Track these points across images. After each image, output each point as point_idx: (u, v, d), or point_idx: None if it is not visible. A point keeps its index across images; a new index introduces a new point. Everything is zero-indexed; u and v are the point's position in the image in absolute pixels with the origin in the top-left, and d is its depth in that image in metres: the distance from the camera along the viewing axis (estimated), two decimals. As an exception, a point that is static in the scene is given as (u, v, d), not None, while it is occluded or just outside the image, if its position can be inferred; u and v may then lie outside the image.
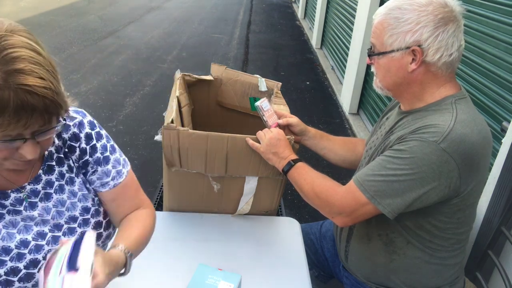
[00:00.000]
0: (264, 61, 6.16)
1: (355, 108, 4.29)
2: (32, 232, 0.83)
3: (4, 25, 0.67)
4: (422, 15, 0.96)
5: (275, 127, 1.28)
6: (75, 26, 7.63)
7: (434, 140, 0.92)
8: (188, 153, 1.26)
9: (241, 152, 1.27)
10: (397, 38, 0.99)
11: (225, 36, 7.58)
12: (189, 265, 1.18)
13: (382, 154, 1.03)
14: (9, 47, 0.64)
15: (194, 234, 1.35)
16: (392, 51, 1.01)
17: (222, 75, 1.69)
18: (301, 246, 1.34)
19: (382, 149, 1.09)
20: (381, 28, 1.02)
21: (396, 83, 1.06)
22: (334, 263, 1.43)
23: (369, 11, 3.78)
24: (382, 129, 1.21)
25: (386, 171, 0.98)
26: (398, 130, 1.07)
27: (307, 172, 1.17)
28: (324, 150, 1.40)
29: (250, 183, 1.34)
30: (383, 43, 1.02)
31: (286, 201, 2.84)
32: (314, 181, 1.14)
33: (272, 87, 1.65)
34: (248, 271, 1.18)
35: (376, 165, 1.01)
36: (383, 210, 0.99)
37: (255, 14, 10.14)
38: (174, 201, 1.44)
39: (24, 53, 0.66)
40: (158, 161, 1.86)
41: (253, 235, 1.36)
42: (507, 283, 1.24)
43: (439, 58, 0.97)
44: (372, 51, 1.07)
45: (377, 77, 1.09)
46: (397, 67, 1.02)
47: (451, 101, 1.00)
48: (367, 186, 1.00)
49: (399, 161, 0.96)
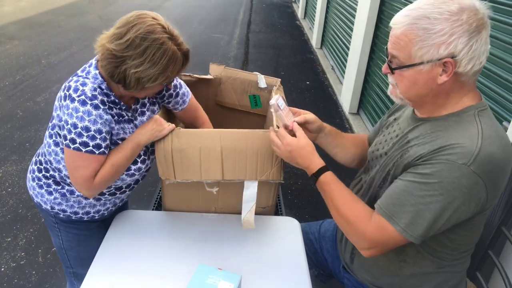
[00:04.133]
0: (264, 61, 6.16)
1: (355, 108, 4.29)
2: None
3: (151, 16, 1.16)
4: (456, 25, 0.87)
5: (292, 126, 1.18)
6: (75, 25, 7.63)
7: (463, 162, 0.87)
8: (182, 156, 1.24)
9: (235, 148, 1.24)
10: (429, 50, 0.90)
11: (225, 36, 7.58)
12: (189, 265, 1.18)
13: (405, 178, 0.96)
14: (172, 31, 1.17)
15: (194, 234, 1.35)
16: (421, 63, 0.92)
17: (221, 74, 1.69)
18: (301, 246, 1.34)
19: (399, 162, 1.02)
20: (406, 40, 0.92)
21: (421, 95, 0.98)
22: (334, 264, 1.42)
23: (369, 11, 3.78)
24: (391, 130, 1.16)
25: (414, 199, 0.92)
26: (416, 142, 1.00)
27: (333, 190, 1.08)
28: (337, 148, 1.34)
29: (250, 189, 1.31)
30: (410, 56, 0.93)
31: (286, 201, 2.84)
32: (343, 205, 1.05)
33: (271, 83, 1.65)
34: (248, 271, 1.18)
35: (402, 192, 0.95)
36: (415, 240, 0.95)
37: (255, 14, 10.14)
38: (173, 209, 1.44)
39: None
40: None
41: (253, 235, 1.36)
42: (507, 283, 1.24)
43: (471, 67, 0.90)
44: (395, 63, 0.97)
45: (399, 88, 1.00)
46: (425, 80, 0.94)
47: (474, 113, 0.94)
48: (397, 219, 0.94)
49: (427, 187, 0.91)
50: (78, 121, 1.11)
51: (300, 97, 4.85)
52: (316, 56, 6.60)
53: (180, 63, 1.17)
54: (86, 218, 1.37)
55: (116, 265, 1.21)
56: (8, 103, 4.22)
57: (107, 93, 1.18)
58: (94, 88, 1.13)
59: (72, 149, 1.14)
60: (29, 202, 2.71)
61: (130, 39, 1.08)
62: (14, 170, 3.06)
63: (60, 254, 1.47)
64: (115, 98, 1.21)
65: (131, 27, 1.09)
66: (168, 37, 1.12)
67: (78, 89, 1.11)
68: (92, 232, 1.42)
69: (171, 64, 1.14)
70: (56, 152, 1.24)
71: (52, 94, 4.45)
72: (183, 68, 1.20)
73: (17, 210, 2.63)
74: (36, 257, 2.26)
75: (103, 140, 1.16)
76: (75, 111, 1.10)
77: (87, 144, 1.13)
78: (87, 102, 1.11)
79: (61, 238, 1.41)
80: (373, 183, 1.14)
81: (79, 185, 1.19)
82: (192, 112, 1.53)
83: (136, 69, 1.10)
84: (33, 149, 3.35)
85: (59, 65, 5.44)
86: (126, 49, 1.09)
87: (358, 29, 4.13)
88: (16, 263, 2.21)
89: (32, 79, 4.89)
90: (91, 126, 1.12)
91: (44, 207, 1.34)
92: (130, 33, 1.09)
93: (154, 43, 1.09)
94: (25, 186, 2.86)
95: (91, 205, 1.35)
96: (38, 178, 1.32)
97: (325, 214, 1.22)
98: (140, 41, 1.08)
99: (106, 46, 1.11)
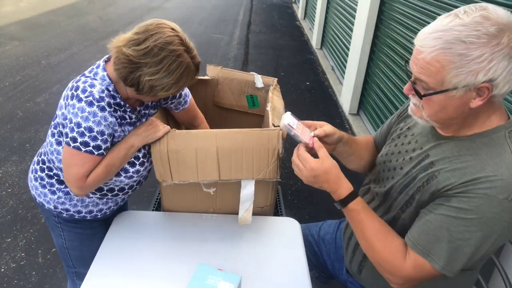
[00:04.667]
0: (264, 62, 6.16)
1: (355, 108, 4.29)
2: None
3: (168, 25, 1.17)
4: (496, 50, 0.79)
5: (312, 144, 1.06)
6: (75, 26, 7.64)
7: (504, 197, 0.82)
8: (178, 157, 1.25)
9: (231, 148, 1.24)
10: (465, 77, 0.82)
11: (225, 36, 7.58)
12: (189, 265, 1.18)
13: (439, 212, 0.90)
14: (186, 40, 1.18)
15: (194, 234, 1.35)
16: (455, 88, 0.84)
17: (218, 75, 1.69)
18: (301, 246, 1.34)
19: (426, 188, 0.95)
20: (438, 66, 0.83)
21: (449, 118, 0.91)
22: (334, 266, 1.42)
23: (369, 11, 3.78)
24: (404, 141, 1.09)
25: (452, 235, 0.88)
26: (443, 166, 0.93)
27: (364, 220, 1.00)
28: (352, 156, 1.25)
29: (247, 188, 1.31)
30: (442, 82, 0.85)
31: (286, 201, 2.84)
32: (375, 239, 0.99)
33: (268, 83, 1.66)
34: (248, 271, 1.18)
35: (438, 228, 0.89)
36: (452, 274, 0.91)
37: (255, 14, 10.14)
38: (172, 210, 1.44)
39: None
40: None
41: (253, 235, 1.36)
42: (507, 283, 1.24)
43: (507, 89, 0.84)
44: (423, 87, 0.89)
45: (425, 112, 0.93)
46: (456, 105, 0.87)
47: (504, 134, 0.89)
48: (435, 256, 0.90)
49: (465, 223, 0.86)
50: (82, 120, 1.11)
51: (300, 97, 4.85)
52: (316, 56, 6.60)
53: (193, 75, 1.20)
54: (89, 217, 1.38)
55: (116, 265, 1.21)
56: (8, 103, 4.22)
57: (113, 95, 1.19)
58: (102, 90, 1.15)
59: (72, 147, 1.14)
60: (29, 202, 2.71)
61: (149, 47, 1.10)
62: (14, 171, 3.06)
63: (62, 253, 1.47)
64: (120, 100, 1.22)
65: (151, 35, 1.11)
66: (185, 49, 1.15)
67: (86, 90, 1.12)
68: (95, 231, 1.43)
69: (185, 76, 1.17)
70: (58, 151, 1.25)
71: (52, 95, 4.46)
72: (194, 79, 1.24)
73: (17, 211, 2.63)
74: (36, 257, 2.26)
75: (104, 142, 1.16)
76: (81, 111, 1.11)
77: (88, 144, 1.14)
78: (94, 104, 1.12)
79: (64, 237, 1.42)
80: (392, 203, 1.08)
81: (71, 182, 1.19)
82: (192, 112, 1.55)
83: (150, 77, 1.12)
84: (33, 149, 3.35)
85: (59, 65, 5.44)
86: (143, 56, 1.10)
87: (358, 29, 4.13)
88: (16, 263, 2.21)
89: (32, 80, 4.89)
90: (94, 127, 1.13)
91: (47, 206, 1.34)
92: (149, 41, 1.10)
93: (172, 54, 1.11)
94: (25, 186, 2.86)
95: (94, 204, 1.35)
96: (41, 178, 1.33)
97: (324, 215, 1.22)
98: (159, 50, 1.10)
99: (123, 50, 1.12)
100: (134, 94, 1.20)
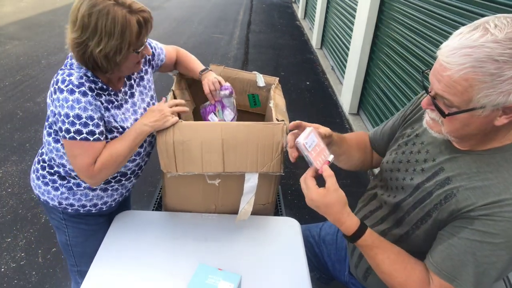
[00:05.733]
0: (264, 61, 6.16)
1: (355, 108, 4.29)
2: (137, 114, 1.34)
3: None
4: None
5: (321, 170, 0.98)
6: (75, 26, 7.63)
7: None
8: (184, 149, 1.25)
9: (236, 141, 1.25)
10: (496, 98, 0.77)
11: (225, 36, 7.58)
12: (189, 265, 1.18)
13: (463, 236, 0.86)
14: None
15: (194, 234, 1.35)
16: (482, 107, 0.79)
17: (220, 74, 1.70)
18: (301, 246, 1.34)
19: (444, 207, 0.91)
20: (466, 85, 0.77)
21: (471, 134, 0.87)
22: (335, 268, 1.41)
23: (369, 11, 3.78)
24: (413, 149, 1.06)
25: (479, 259, 0.84)
26: (461, 183, 0.90)
27: (378, 255, 0.96)
28: (342, 156, 1.21)
29: (251, 181, 1.31)
30: (469, 101, 0.79)
31: (286, 201, 2.84)
32: (394, 271, 0.94)
33: (270, 82, 1.66)
34: (248, 271, 1.18)
35: (463, 253, 0.86)
36: None
37: (255, 14, 10.14)
38: (172, 206, 1.44)
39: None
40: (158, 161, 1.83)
41: (253, 235, 1.36)
42: (507, 283, 1.23)
43: None
44: (445, 104, 0.84)
45: (445, 128, 0.89)
46: (480, 122, 0.83)
47: None
48: (461, 281, 0.86)
49: (492, 247, 0.83)
50: (69, 110, 1.12)
51: (300, 97, 4.85)
52: (316, 56, 6.60)
53: (136, 26, 1.13)
54: (94, 210, 1.39)
55: (116, 265, 1.21)
56: (8, 103, 4.22)
57: (94, 80, 1.20)
58: (80, 76, 1.15)
59: (68, 139, 1.15)
60: (29, 202, 2.71)
61: (80, 21, 1.10)
62: (14, 171, 3.06)
63: (66, 251, 1.48)
64: (102, 84, 1.22)
65: (78, 10, 1.11)
66: (113, 3, 1.10)
67: (65, 80, 1.13)
68: (100, 226, 1.44)
69: (127, 30, 1.12)
70: (57, 148, 1.25)
71: (52, 95, 4.46)
72: (145, 30, 1.17)
73: (17, 211, 2.63)
74: (36, 257, 2.26)
75: (96, 127, 1.17)
76: (65, 101, 1.12)
77: (81, 132, 1.15)
78: (75, 91, 1.12)
79: (68, 234, 1.42)
80: (404, 216, 1.04)
81: (81, 172, 1.20)
82: (170, 61, 1.56)
83: (98, 48, 1.11)
84: (33, 149, 3.35)
85: (59, 65, 5.41)
86: (82, 33, 1.11)
87: (358, 29, 4.13)
88: (16, 263, 2.21)
89: (32, 80, 4.89)
90: (82, 113, 1.13)
91: (52, 204, 1.35)
92: (79, 16, 1.10)
93: (101, 14, 1.08)
94: (25, 186, 2.86)
95: (99, 197, 1.36)
96: (43, 176, 1.34)
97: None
98: (88, 18, 1.09)
99: (69, 38, 1.14)
100: (109, 75, 1.21)
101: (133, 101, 1.34)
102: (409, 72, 3.03)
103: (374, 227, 1.11)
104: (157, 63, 1.48)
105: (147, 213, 1.46)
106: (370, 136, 1.33)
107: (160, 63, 1.49)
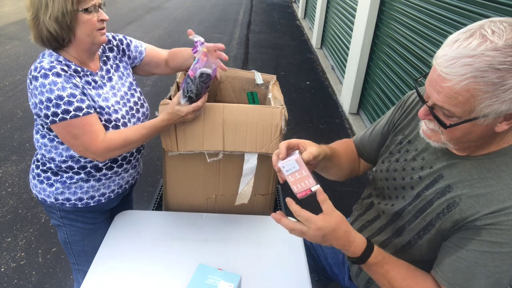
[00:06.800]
0: (264, 61, 6.16)
1: (355, 108, 4.29)
2: (117, 97, 1.35)
3: None
4: None
5: (301, 197, 0.94)
6: (75, 26, 7.63)
7: None
8: (185, 127, 1.29)
9: (236, 121, 1.29)
10: (499, 106, 0.75)
11: (225, 36, 7.58)
12: (189, 265, 1.18)
13: (472, 248, 0.84)
14: None
15: (194, 234, 1.35)
16: (484, 116, 0.77)
17: (221, 73, 1.70)
18: (301, 246, 1.34)
19: (447, 216, 0.89)
20: (467, 95, 0.75)
21: (471, 141, 0.85)
22: (333, 271, 1.40)
23: (369, 11, 3.78)
24: (407, 157, 1.03)
25: (490, 270, 0.83)
26: (462, 191, 0.88)
27: (388, 272, 0.92)
28: (333, 169, 1.14)
29: (250, 161, 1.33)
30: (471, 112, 0.77)
31: (286, 201, 2.84)
32: (406, 287, 0.91)
33: (268, 80, 1.68)
34: (248, 271, 1.19)
35: (474, 265, 0.84)
36: None
37: (255, 14, 10.14)
38: (173, 190, 1.44)
39: None
40: (158, 161, 1.85)
41: (253, 235, 1.36)
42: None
43: None
44: (444, 114, 0.81)
45: (445, 136, 0.86)
46: (481, 130, 0.81)
47: None
48: None
49: (502, 256, 0.81)
50: (49, 94, 1.13)
51: (300, 97, 4.85)
52: (316, 56, 6.60)
53: None
54: (92, 203, 1.38)
55: (116, 265, 1.21)
56: (8, 103, 4.22)
57: (67, 64, 1.21)
58: (51, 61, 1.17)
59: (58, 122, 1.16)
60: (29, 202, 2.71)
61: (30, 1, 1.15)
62: (14, 171, 3.06)
63: (66, 249, 1.48)
64: (76, 66, 1.23)
65: None
66: None
67: (37, 68, 1.15)
68: (97, 226, 1.43)
69: None
70: (44, 143, 1.27)
71: (52, 95, 4.46)
72: None
73: (17, 211, 2.63)
74: (36, 257, 2.26)
75: (81, 102, 1.18)
76: (43, 86, 1.13)
77: (68, 111, 1.15)
78: (48, 74, 1.14)
79: (66, 232, 1.43)
80: (404, 226, 1.01)
81: (87, 150, 1.21)
82: (155, 59, 1.53)
83: (47, 14, 1.14)
84: (33, 149, 3.35)
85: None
86: (33, 8, 1.15)
87: (358, 28, 4.13)
88: (16, 263, 2.21)
89: (32, 80, 4.89)
90: (62, 93, 1.14)
91: (49, 201, 1.35)
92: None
93: None
94: (25, 186, 2.86)
95: (95, 188, 1.36)
96: (38, 174, 1.35)
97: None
98: None
99: (28, 22, 1.19)
100: (75, 52, 1.23)
101: (112, 84, 1.35)
102: (409, 72, 3.03)
103: (373, 238, 1.09)
104: (134, 55, 1.48)
105: (147, 213, 1.46)
106: (356, 143, 1.26)
107: (138, 55, 1.49)
